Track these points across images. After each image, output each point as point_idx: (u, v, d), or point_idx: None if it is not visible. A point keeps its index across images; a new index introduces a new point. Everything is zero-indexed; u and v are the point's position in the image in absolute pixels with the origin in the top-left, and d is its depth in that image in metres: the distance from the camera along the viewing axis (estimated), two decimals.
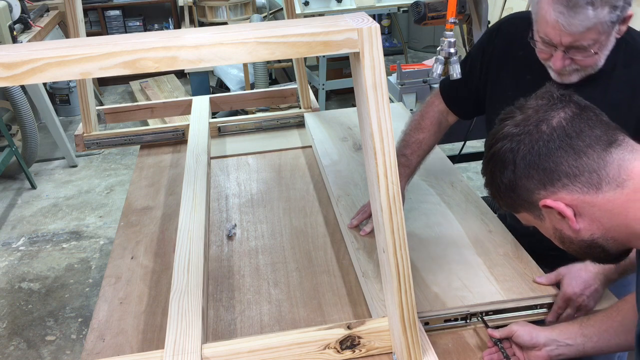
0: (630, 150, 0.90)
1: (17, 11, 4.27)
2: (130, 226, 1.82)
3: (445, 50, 1.58)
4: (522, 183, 0.94)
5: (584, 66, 1.33)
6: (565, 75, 1.36)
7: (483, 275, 1.42)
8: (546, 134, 0.91)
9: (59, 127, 4.50)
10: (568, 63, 1.32)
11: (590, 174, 0.89)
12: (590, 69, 1.34)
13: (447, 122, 1.74)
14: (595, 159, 0.89)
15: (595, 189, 0.90)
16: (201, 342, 1.20)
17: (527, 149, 0.92)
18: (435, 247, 1.54)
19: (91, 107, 2.32)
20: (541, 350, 1.18)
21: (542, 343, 1.18)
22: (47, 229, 3.73)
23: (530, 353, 1.20)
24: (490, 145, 0.97)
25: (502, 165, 0.95)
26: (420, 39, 6.69)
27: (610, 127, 0.92)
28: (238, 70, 4.85)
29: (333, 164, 2.01)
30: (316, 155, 2.13)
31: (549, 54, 1.33)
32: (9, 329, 2.86)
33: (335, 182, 1.88)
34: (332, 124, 2.33)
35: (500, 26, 1.60)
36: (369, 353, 1.23)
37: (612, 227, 0.92)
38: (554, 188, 0.92)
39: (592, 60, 1.31)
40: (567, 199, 0.91)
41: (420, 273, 1.44)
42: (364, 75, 1.00)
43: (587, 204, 0.91)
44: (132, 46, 0.93)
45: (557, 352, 1.17)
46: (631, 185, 0.88)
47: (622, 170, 0.89)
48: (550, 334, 1.19)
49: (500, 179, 0.96)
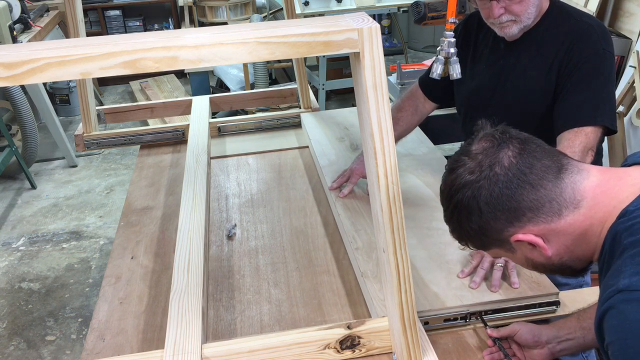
0: (577, 172, 0.95)
1: (17, 11, 4.27)
2: (130, 226, 1.82)
3: (445, 50, 1.58)
4: (490, 225, 0.98)
5: (517, 14, 1.54)
6: (506, 27, 1.57)
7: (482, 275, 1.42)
8: (502, 175, 0.95)
9: (59, 127, 4.50)
10: (503, 12, 1.55)
11: (551, 203, 0.94)
12: (525, 19, 1.56)
13: (425, 107, 1.92)
14: (551, 189, 0.94)
15: (557, 215, 0.94)
16: (201, 342, 1.20)
17: (488, 194, 0.95)
18: (434, 246, 1.55)
19: (91, 107, 2.32)
20: (543, 348, 1.19)
21: (544, 340, 1.19)
22: (47, 229, 3.73)
23: (531, 351, 1.21)
24: (450, 196, 1.00)
25: (468, 213, 0.98)
26: (420, 39, 6.69)
27: (554, 154, 0.98)
28: (238, 70, 4.85)
29: (330, 164, 2.01)
30: (313, 156, 2.14)
31: (488, 9, 1.56)
32: (9, 329, 2.86)
33: None
34: (329, 124, 2.33)
35: (466, 19, 1.83)
36: (369, 353, 1.23)
37: (577, 248, 0.97)
38: (521, 223, 0.96)
39: (521, 7, 1.53)
40: (535, 230, 0.96)
41: (420, 272, 1.44)
42: (364, 75, 1.01)
43: (553, 231, 0.96)
44: (133, 46, 0.93)
45: (559, 348, 1.19)
46: (585, 204, 0.94)
47: (576, 193, 0.94)
48: (551, 331, 1.20)
49: (468, 225, 1.00)
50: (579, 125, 1.50)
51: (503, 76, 1.68)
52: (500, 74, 1.68)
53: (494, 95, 1.70)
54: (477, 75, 1.74)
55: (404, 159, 2.02)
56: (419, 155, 2.06)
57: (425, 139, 2.18)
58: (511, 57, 1.66)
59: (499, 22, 1.58)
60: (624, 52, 3.61)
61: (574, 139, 1.48)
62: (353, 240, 1.58)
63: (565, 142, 1.49)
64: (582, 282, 1.75)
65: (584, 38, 1.55)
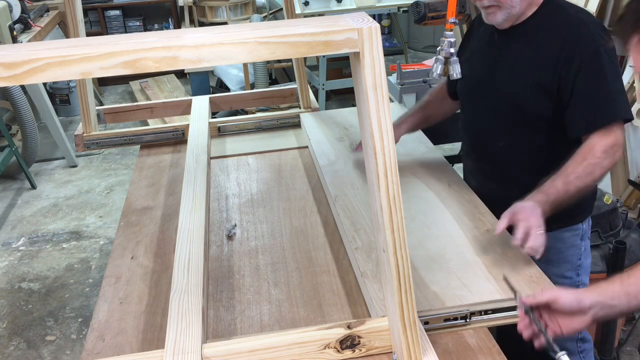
0: None
1: (17, 11, 4.28)
2: (130, 226, 1.83)
3: (445, 50, 1.58)
4: None
5: (502, 2, 1.55)
6: (490, 14, 1.59)
7: (482, 274, 1.42)
8: None
9: (59, 127, 4.50)
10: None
11: None
12: (509, 6, 1.56)
13: (449, 102, 1.97)
14: None
15: None
16: (201, 342, 1.20)
17: None
18: (434, 246, 1.55)
19: (91, 107, 2.32)
20: (586, 315, 1.12)
21: (587, 306, 1.12)
22: (47, 229, 3.73)
23: (571, 319, 1.14)
24: None
25: None
26: (420, 39, 6.69)
27: None
28: (238, 70, 4.85)
29: (330, 164, 2.01)
30: (313, 156, 2.14)
31: None
32: (9, 329, 2.86)
33: (332, 182, 1.88)
34: (329, 124, 2.33)
35: (476, 16, 1.85)
36: (369, 353, 1.23)
37: None
38: None
39: None
40: None
41: (419, 272, 1.44)
42: (364, 75, 1.01)
43: None
44: (133, 46, 0.93)
45: (601, 314, 1.12)
46: None
47: None
48: (593, 296, 1.12)
49: None
50: (603, 125, 1.52)
51: (494, 66, 1.69)
52: (491, 64, 1.70)
53: (487, 85, 1.71)
54: (473, 65, 1.75)
55: (404, 159, 2.03)
56: (419, 155, 2.06)
57: (425, 139, 2.18)
58: (503, 47, 1.67)
59: (482, 6, 1.59)
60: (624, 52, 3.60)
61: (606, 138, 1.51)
62: (353, 240, 1.58)
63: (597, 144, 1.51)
64: (579, 282, 1.75)
65: (580, 38, 1.54)
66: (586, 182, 1.50)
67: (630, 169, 3.25)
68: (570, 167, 1.50)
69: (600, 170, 1.51)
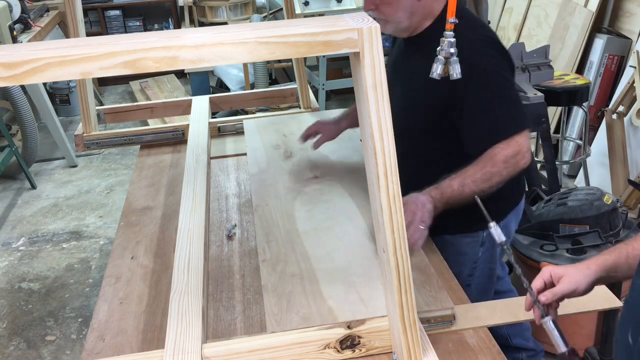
0: None
1: (17, 11, 4.27)
2: (130, 226, 1.83)
3: (445, 50, 1.58)
4: None
5: (386, 15, 1.58)
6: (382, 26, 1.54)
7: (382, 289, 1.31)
8: None
9: (59, 127, 4.50)
10: (373, 7, 1.58)
11: None
12: (396, 21, 1.59)
13: None
14: None
15: None
16: (201, 342, 1.20)
17: None
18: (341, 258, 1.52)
19: (91, 107, 2.32)
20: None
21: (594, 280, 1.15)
22: (47, 229, 3.73)
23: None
24: None
25: None
26: None
27: None
28: (238, 70, 4.85)
29: (260, 172, 1.99)
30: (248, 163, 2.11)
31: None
32: (9, 329, 2.86)
33: (257, 191, 1.88)
34: (270, 131, 2.31)
35: None
36: (369, 353, 1.23)
37: None
38: None
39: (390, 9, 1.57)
40: None
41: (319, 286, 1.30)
42: (364, 75, 1.01)
43: None
44: (133, 46, 0.93)
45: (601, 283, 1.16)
46: None
47: None
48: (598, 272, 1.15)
49: None
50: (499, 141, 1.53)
51: (396, 71, 1.73)
52: (394, 69, 1.74)
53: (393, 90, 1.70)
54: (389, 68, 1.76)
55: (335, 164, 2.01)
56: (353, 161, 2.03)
57: None
58: (405, 54, 1.72)
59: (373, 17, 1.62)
60: (624, 52, 3.61)
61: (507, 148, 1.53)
62: (262, 251, 1.58)
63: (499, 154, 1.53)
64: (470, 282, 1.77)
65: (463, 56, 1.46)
66: (482, 187, 1.52)
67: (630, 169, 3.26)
68: (470, 171, 1.53)
69: (499, 178, 1.54)
